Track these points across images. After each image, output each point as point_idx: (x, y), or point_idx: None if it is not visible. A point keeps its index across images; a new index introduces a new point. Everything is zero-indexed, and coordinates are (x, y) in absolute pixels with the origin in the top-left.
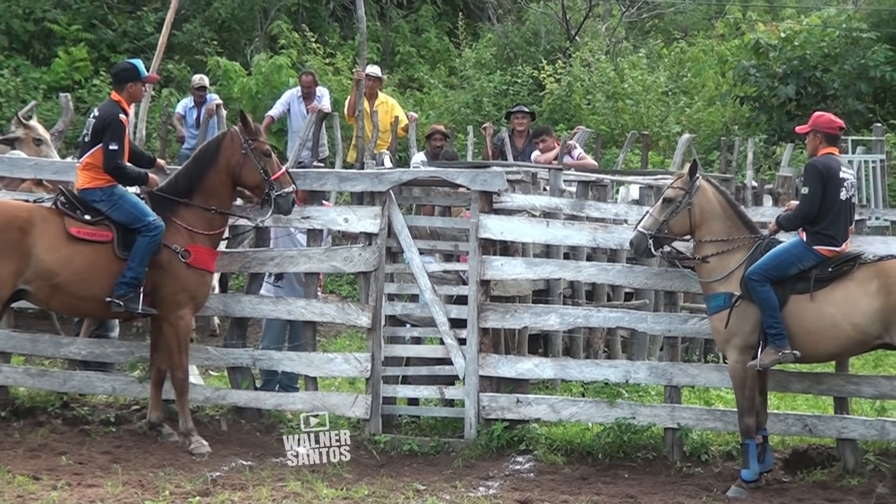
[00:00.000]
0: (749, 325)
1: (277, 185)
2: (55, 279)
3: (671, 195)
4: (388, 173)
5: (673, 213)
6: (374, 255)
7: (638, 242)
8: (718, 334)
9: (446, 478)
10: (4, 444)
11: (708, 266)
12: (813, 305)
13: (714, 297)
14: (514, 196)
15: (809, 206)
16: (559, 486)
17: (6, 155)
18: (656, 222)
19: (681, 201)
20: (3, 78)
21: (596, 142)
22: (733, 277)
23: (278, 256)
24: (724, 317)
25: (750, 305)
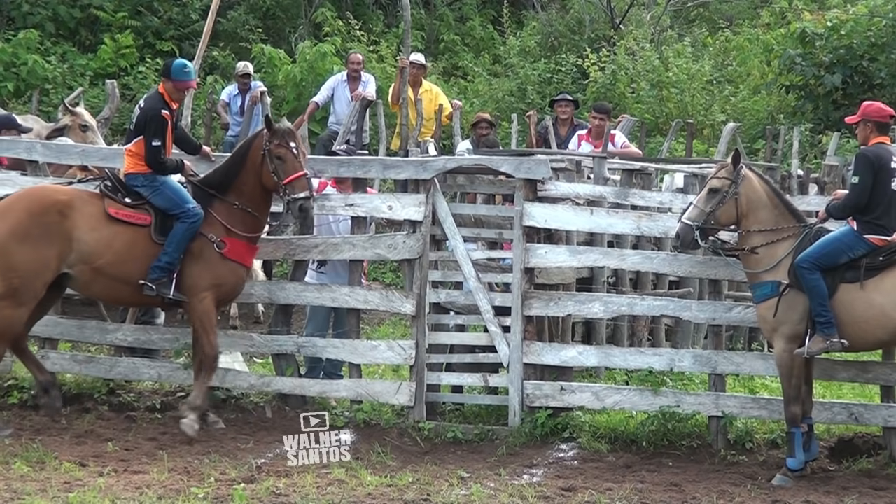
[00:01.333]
0: (797, 313)
1: (290, 188)
2: (97, 261)
3: (717, 185)
4: (433, 161)
5: (719, 203)
6: (419, 242)
7: (684, 234)
8: (766, 323)
9: (490, 465)
10: (52, 431)
11: (756, 256)
12: (863, 294)
13: (761, 285)
14: (559, 184)
15: (860, 195)
16: (603, 473)
17: (54, 141)
18: (702, 213)
19: (727, 191)
20: (51, 65)
21: (640, 130)
22: (781, 266)
23: (322, 244)
24: (771, 305)
25: (798, 294)
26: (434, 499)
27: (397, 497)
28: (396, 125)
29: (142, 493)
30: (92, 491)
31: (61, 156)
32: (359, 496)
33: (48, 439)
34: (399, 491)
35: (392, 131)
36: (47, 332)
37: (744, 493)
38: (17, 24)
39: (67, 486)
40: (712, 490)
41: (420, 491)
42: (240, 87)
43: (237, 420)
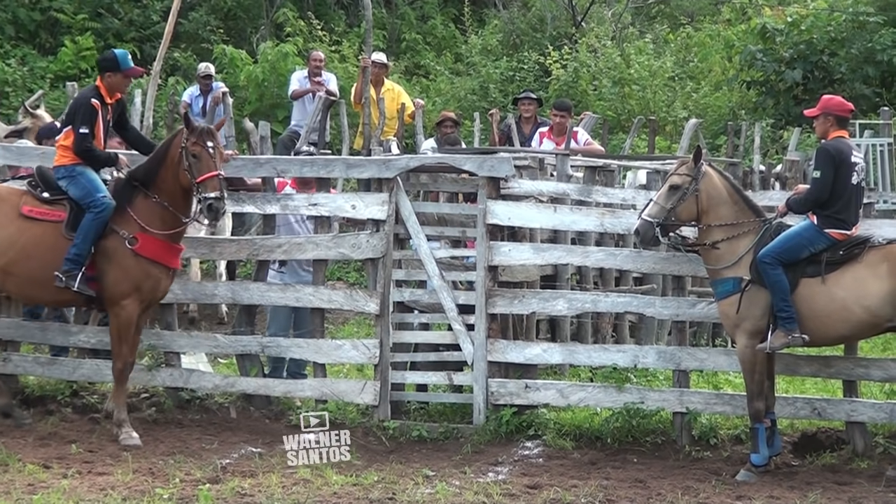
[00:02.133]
0: (759, 309)
1: (203, 187)
2: (2, 260)
3: (677, 182)
4: (396, 160)
5: (680, 199)
6: (382, 241)
7: (644, 231)
8: (728, 319)
9: (455, 463)
10: (15, 433)
11: (716, 251)
12: (824, 289)
13: (722, 282)
14: (522, 182)
15: (821, 189)
16: (568, 470)
17: (13, 144)
18: (662, 210)
19: (688, 188)
20: (10, 67)
21: (602, 127)
22: (742, 262)
23: (286, 244)
24: (733, 301)
25: (760, 290)
26: (399, 497)
27: (363, 496)
28: (359, 125)
29: (106, 494)
30: (56, 493)
31: (21, 158)
32: (324, 495)
33: (11, 441)
34: (364, 490)
35: (355, 131)
36: (9, 335)
37: (708, 489)
38: None
39: (31, 487)
40: (677, 486)
41: (385, 490)
42: (201, 88)
43: (202, 420)
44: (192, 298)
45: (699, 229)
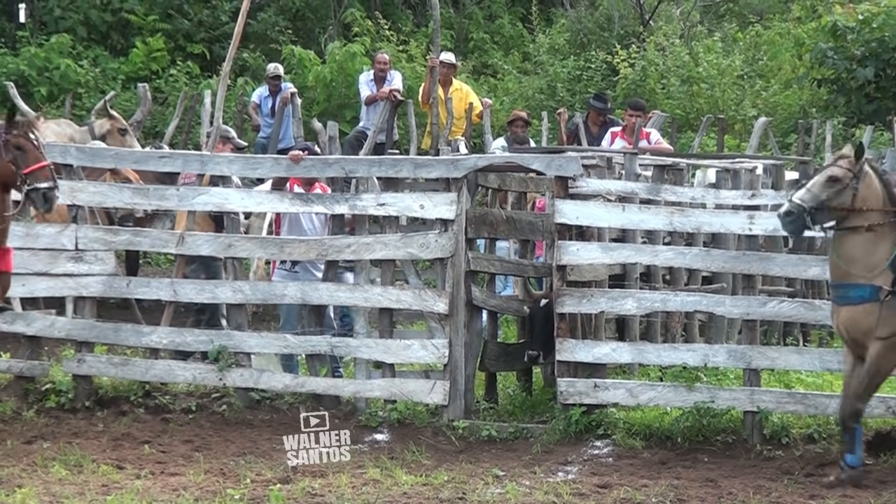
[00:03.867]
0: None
1: (32, 178)
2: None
3: (838, 174)
4: (464, 159)
5: (837, 193)
6: (451, 241)
7: (798, 213)
8: (857, 325)
9: (525, 463)
10: (89, 434)
11: (854, 254)
12: None
13: (856, 287)
14: (590, 181)
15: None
16: (638, 470)
17: (87, 145)
18: (816, 198)
19: (847, 183)
20: (83, 69)
21: (671, 126)
22: (879, 269)
23: (354, 244)
24: (869, 310)
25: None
26: (469, 497)
27: (433, 496)
28: (427, 124)
29: (179, 494)
30: (129, 493)
31: (95, 159)
32: (394, 495)
33: (85, 442)
34: (434, 490)
35: (422, 130)
36: (83, 336)
37: (780, 488)
38: (49, 29)
39: (105, 488)
40: (748, 485)
41: (455, 489)
42: (270, 88)
43: (272, 421)
44: (261, 299)
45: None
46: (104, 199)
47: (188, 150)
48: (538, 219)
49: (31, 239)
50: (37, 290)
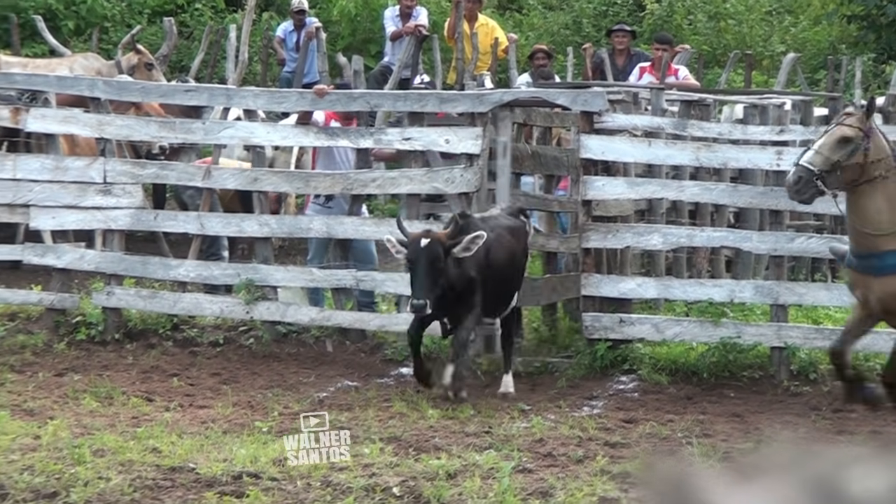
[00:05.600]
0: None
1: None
2: None
3: (850, 133)
4: (489, 94)
5: (850, 155)
6: (476, 175)
7: (809, 178)
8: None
9: (550, 398)
10: (119, 366)
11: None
12: None
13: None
14: (616, 116)
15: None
16: (664, 405)
17: (115, 79)
18: (827, 161)
19: (860, 143)
20: (109, 2)
21: (698, 62)
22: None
23: (380, 178)
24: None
25: None
26: (496, 431)
27: (459, 430)
28: (452, 59)
29: (207, 427)
30: (159, 426)
31: (122, 93)
32: (421, 429)
33: (115, 375)
34: (461, 424)
35: (448, 66)
36: (112, 268)
37: (808, 424)
38: None
39: (135, 420)
40: (775, 420)
41: (481, 423)
42: (295, 23)
43: (298, 354)
44: (287, 233)
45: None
46: (131, 132)
47: (213, 84)
48: (563, 154)
49: (61, 172)
50: (66, 222)
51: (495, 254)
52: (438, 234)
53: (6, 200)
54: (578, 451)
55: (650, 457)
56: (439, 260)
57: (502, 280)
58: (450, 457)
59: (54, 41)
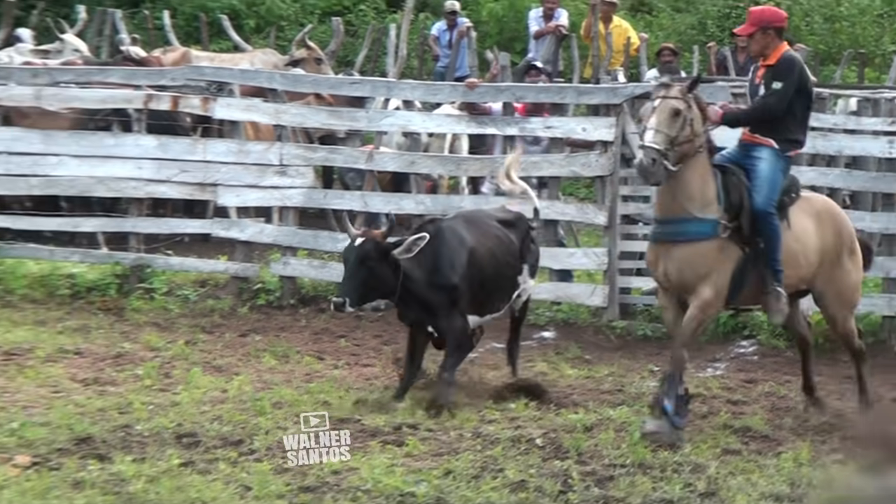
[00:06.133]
0: (732, 261)
1: None
2: None
3: (679, 106)
4: (622, 87)
5: (682, 127)
6: (610, 160)
7: (658, 159)
8: (694, 268)
9: None
10: (293, 329)
11: (691, 189)
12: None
13: (696, 221)
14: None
15: (779, 101)
16: (781, 367)
17: (290, 72)
18: (667, 137)
19: (686, 114)
20: (284, 3)
21: (814, 59)
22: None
23: (524, 162)
24: (710, 247)
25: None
26: (627, 389)
27: (594, 387)
28: (589, 56)
29: (371, 383)
30: (329, 382)
31: (296, 84)
32: (561, 387)
33: (291, 336)
34: (596, 382)
35: (584, 62)
36: (287, 241)
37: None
38: None
39: (308, 377)
40: (885, 382)
41: (615, 382)
42: (448, 22)
43: None
44: (441, 210)
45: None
46: (304, 119)
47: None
48: None
49: (243, 155)
50: (248, 200)
51: (480, 251)
52: (374, 234)
53: (197, 180)
54: (703, 407)
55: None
56: (370, 259)
57: (494, 276)
58: (587, 412)
59: (237, 38)
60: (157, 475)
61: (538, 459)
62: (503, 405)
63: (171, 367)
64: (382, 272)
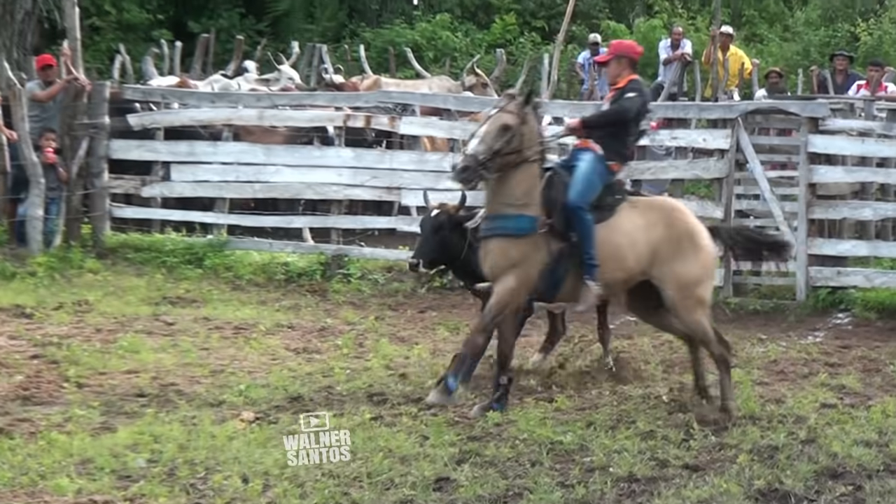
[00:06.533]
0: (542, 254)
1: None
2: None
3: (510, 122)
4: (737, 104)
5: (508, 141)
6: (726, 165)
7: (474, 166)
8: (509, 258)
9: (782, 330)
10: (464, 306)
11: (510, 184)
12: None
13: (516, 217)
14: (836, 120)
15: (629, 109)
16: (872, 335)
17: (460, 95)
18: (489, 149)
19: (517, 130)
20: (457, 38)
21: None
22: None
23: (653, 167)
24: (525, 242)
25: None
26: (741, 354)
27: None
28: (709, 79)
29: (526, 351)
30: (490, 350)
31: (466, 105)
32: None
33: (461, 312)
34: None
35: (705, 84)
36: None
37: None
38: (434, 9)
39: None
40: None
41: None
42: (591, 52)
43: None
44: None
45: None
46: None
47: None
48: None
49: (422, 163)
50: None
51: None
52: (448, 207)
53: (385, 184)
54: (804, 369)
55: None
56: (442, 228)
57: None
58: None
59: (419, 67)
60: (352, 427)
61: (664, 413)
62: (635, 367)
63: (364, 339)
64: (452, 240)
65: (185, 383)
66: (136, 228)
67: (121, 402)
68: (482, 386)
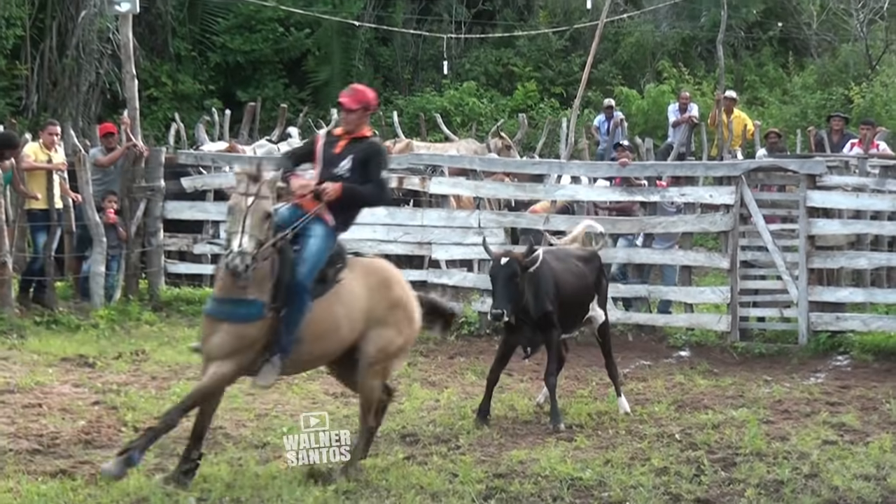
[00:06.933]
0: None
1: None
2: None
3: (269, 209)
4: (741, 163)
5: (271, 226)
6: (731, 219)
7: (250, 264)
8: (238, 342)
9: (786, 371)
10: (489, 352)
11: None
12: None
13: (248, 303)
14: (832, 177)
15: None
16: (870, 376)
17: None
18: (258, 242)
19: (273, 217)
20: (483, 104)
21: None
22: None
23: (664, 221)
24: (259, 326)
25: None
26: (747, 395)
27: (721, 394)
28: (714, 139)
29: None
30: (516, 392)
31: (491, 166)
32: (694, 394)
33: (488, 358)
34: (722, 389)
35: (711, 143)
36: (485, 285)
37: None
38: (461, 78)
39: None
40: None
41: (737, 389)
42: (606, 115)
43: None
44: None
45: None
46: (496, 192)
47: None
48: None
49: (451, 220)
50: (454, 254)
51: (563, 280)
52: (515, 254)
53: (416, 240)
54: (807, 408)
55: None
56: (515, 275)
57: (572, 303)
58: (714, 413)
59: (447, 131)
60: (386, 466)
61: (677, 450)
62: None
63: (397, 383)
64: (522, 286)
65: (232, 426)
66: (189, 283)
67: (173, 444)
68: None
